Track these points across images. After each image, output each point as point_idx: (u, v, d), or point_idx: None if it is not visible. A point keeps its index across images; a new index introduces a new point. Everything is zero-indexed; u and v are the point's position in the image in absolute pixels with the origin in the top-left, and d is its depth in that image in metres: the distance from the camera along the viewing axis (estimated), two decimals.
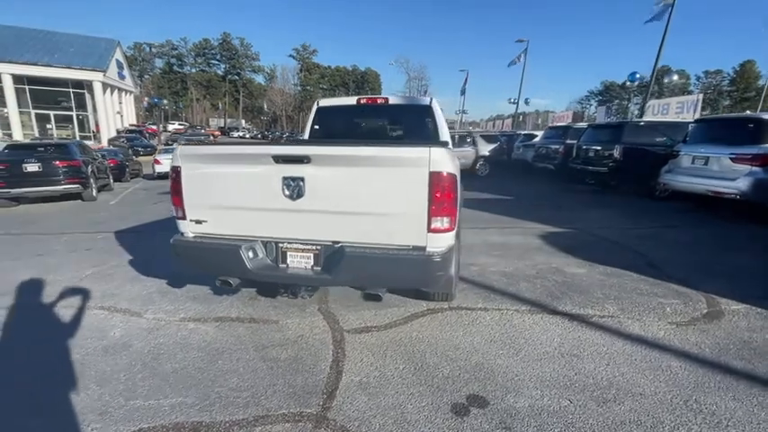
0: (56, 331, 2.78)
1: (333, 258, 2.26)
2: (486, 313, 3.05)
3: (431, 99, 4.09)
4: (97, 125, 28.60)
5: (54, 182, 8.33)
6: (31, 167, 8.15)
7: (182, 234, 2.53)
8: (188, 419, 1.88)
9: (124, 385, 2.14)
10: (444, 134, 4.01)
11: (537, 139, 13.34)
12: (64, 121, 28.71)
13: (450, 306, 3.16)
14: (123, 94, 34.93)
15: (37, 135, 25.10)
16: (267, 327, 2.82)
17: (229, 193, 2.36)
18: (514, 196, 9.18)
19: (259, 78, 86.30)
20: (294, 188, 2.22)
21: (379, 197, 2.18)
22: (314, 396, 2.06)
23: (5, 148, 8.92)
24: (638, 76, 20.20)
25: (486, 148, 13.37)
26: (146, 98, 48.50)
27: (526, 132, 15.91)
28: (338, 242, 2.30)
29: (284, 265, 2.37)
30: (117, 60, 31.63)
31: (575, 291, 3.47)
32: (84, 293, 3.44)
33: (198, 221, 2.45)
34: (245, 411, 1.94)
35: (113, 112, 31.31)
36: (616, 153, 8.37)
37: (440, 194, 2.13)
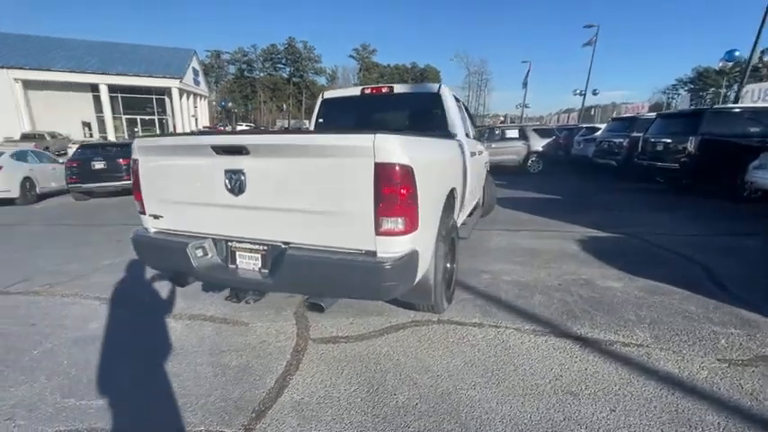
0: (43, 318, 2.89)
1: (277, 261, 2.03)
2: (479, 330, 2.62)
3: (439, 86, 3.68)
4: (174, 127, 31.58)
5: (117, 178, 9.19)
6: (98, 165, 9.08)
7: (145, 230, 2.47)
8: (99, 426, 1.77)
9: (70, 381, 2.11)
10: (454, 124, 3.57)
11: (599, 133, 11.96)
12: (149, 125, 32.15)
13: (439, 319, 2.77)
14: (198, 98, 38.20)
15: (126, 137, 28.37)
16: (234, 329, 2.68)
17: (179, 187, 2.24)
18: (563, 195, 8.25)
19: (321, 80, 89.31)
20: (235, 182, 2.02)
21: (323, 193, 1.89)
22: (242, 414, 1.84)
23: (79, 148, 10.04)
24: (737, 54, 17.17)
25: (539, 143, 12.28)
26: (213, 102, 52.67)
27: (588, 126, 14.38)
28: (289, 243, 2.06)
29: (233, 266, 2.19)
30: (193, 68, 34.68)
31: (600, 309, 2.87)
32: (87, 283, 3.60)
33: (155, 216, 2.37)
34: (158, 423, 1.79)
35: (189, 115, 34.38)
36: (690, 146, 7.11)
37: (389, 190, 1.79)
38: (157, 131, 31.89)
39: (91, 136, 28.81)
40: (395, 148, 1.79)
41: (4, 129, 24.31)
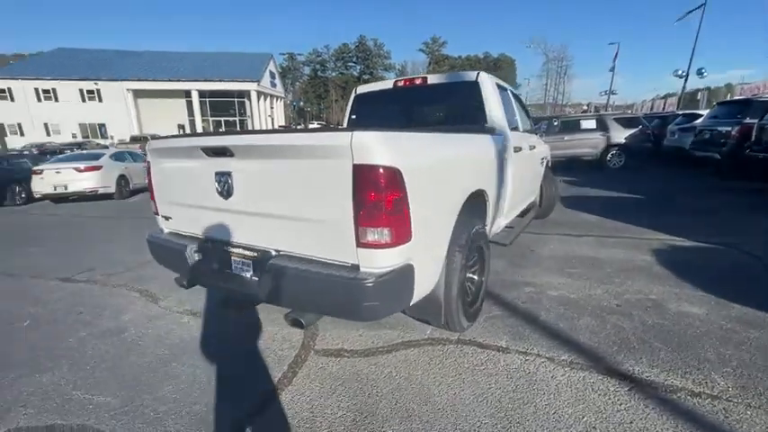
0: (90, 307, 3.15)
1: (262, 269, 1.89)
2: (503, 356, 2.24)
3: (477, 74, 3.27)
4: (252, 127, 34.18)
5: None
6: None
7: (160, 230, 2.53)
8: (89, 423, 1.80)
9: (84, 374, 2.23)
10: (494, 116, 3.16)
11: (699, 121, 10.13)
12: (231, 126, 35.25)
13: (459, 339, 2.45)
14: (274, 99, 40.87)
15: None
16: (246, 332, 2.64)
17: (181, 189, 2.23)
18: (646, 195, 7.09)
19: (390, 75, 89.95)
20: (224, 185, 1.93)
21: (304, 197, 1.71)
22: (218, 430, 1.75)
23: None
24: None
25: (621, 135, 10.75)
26: (289, 102, 55.90)
27: (687, 112, 12.31)
28: (279, 251, 1.92)
29: (229, 271, 2.12)
30: (270, 71, 37.15)
31: (668, 342, 2.30)
32: (137, 275, 3.89)
33: (166, 218, 2.40)
34: (137, 428, 1.77)
35: (266, 116, 36.94)
36: None
37: (371, 196, 1.53)
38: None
39: None
40: (377, 147, 1.53)
41: (119, 132, 28.43)
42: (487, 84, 3.22)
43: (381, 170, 1.52)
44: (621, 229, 4.79)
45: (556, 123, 4.49)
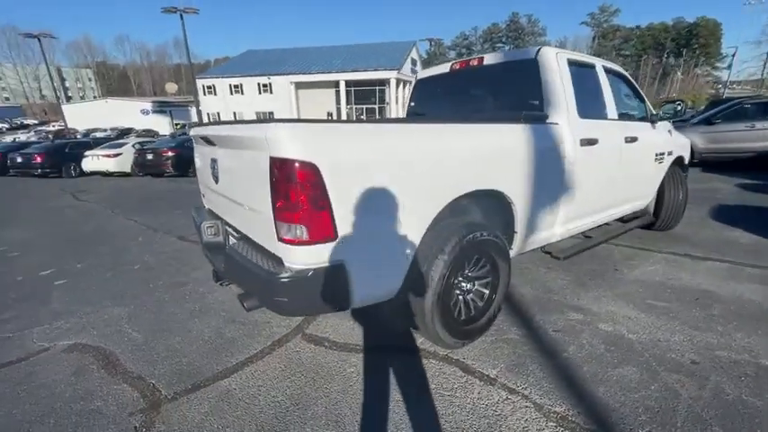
0: (176, 259, 3.92)
1: (226, 252, 2.03)
2: (483, 387, 1.90)
3: (538, 50, 2.70)
4: (389, 114, 35.89)
5: None
6: None
7: (202, 206, 2.95)
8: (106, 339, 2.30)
9: (138, 313, 2.83)
10: (554, 101, 2.59)
11: None
12: (371, 113, 37.76)
13: (447, 355, 2.18)
14: None
15: None
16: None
17: (201, 171, 2.55)
18: None
19: None
20: (215, 170, 2.13)
21: (249, 187, 1.75)
22: (185, 382, 2.01)
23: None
24: None
25: None
26: None
27: None
28: (248, 236, 2.04)
29: (221, 249, 2.34)
30: (411, 58, 38.04)
31: (741, 424, 1.58)
32: None
33: (203, 195, 2.79)
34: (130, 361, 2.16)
35: (403, 103, 38.24)
36: None
37: (285, 190, 1.48)
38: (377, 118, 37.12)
39: None
40: (291, 140, 1.45)
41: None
42: (550, 62, 2.64)
43: (297, 164, 1.45)
44: None
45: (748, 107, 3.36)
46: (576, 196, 2.75)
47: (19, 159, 12.90)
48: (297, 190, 1.47)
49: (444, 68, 3.43)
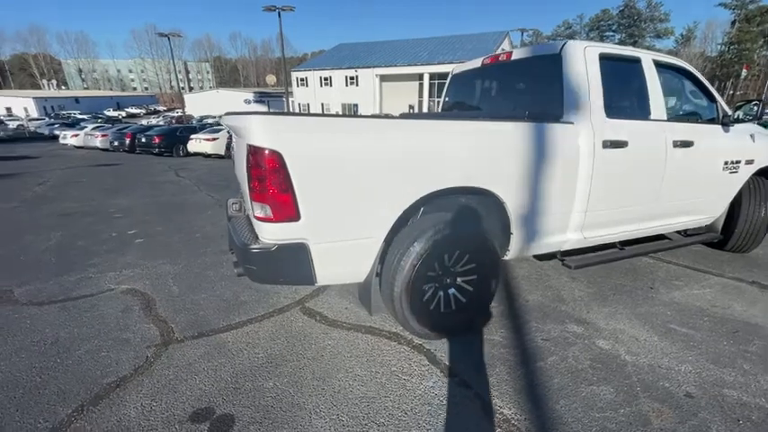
0: None
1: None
2: (438, 378, 1.96)
3: (563, 44, 2.53)
4: None
5: None
6: None
7: None
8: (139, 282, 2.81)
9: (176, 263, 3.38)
10: (575, 100, 2.43)
11: None
12: None
13: (418, 343, 2.26)
14: None
15: None
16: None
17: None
18: None
19: (664, 43, 71.22)
20: (233, 154, 2.46)
21: (241, 170, 2.03)
22: (188, 331, 2.41)
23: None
24: None
25: None
26: None
27: None
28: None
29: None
30: (502, 49, 36.28)
31: None
32: None
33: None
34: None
35: None
36: None
37: (255, 173, 1.71)
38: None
39: None
40: (262, 130, 1.67)
41: (365, 111, 34.85)
42: (575, 57, 2.47)
43: (266, 152, 1.67)
44: None
45: None
46: (596, 202, 2.55)
47: (143, 140, 15.57)
48: (264, 174, 1.69)
49: (477, 63, 3.38)
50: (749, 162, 3.26)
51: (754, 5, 60.97)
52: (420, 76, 34.69)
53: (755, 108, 2.99)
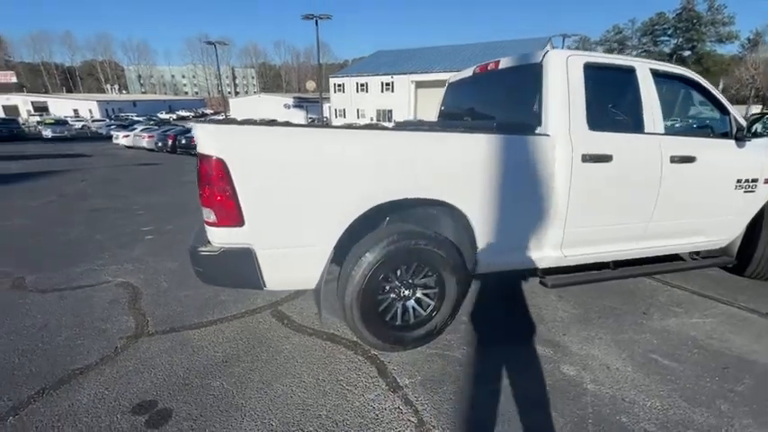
0: None
1: None
2: (381, 391, 1.93)
3: (545, 54, 2.42)
4: None
5: None
6: None
7: None
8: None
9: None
10: (552, 112, 2.33)
11: None
12: None
13: (373, 354, 2.24)
14: None
15: None
16: None
17: None
18: None
19: (727, 49, 66.12)
20: None
21: None
22: (177, 321, 2.53)
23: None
24: None
25: None
26: None
27: None
28: None
29: None
30: None
31: None
32: None
33: None
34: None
35: None
36: None
37: (204, 179, 1.78)
38: None
39: None
40: (206, 139, 1.74)
41: (400, 117, 35.04)
42: (557, 67, 2.37)
43: (210, 159, 1.74)
44: None
45: None
46: (576, 219, 2.43)
47: (183, 141, 16.56)
48: (210, 180, 1.76)
49: (468, 72, 3.32)
50: (749, 182, 2.94)
51: None
52: None
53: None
